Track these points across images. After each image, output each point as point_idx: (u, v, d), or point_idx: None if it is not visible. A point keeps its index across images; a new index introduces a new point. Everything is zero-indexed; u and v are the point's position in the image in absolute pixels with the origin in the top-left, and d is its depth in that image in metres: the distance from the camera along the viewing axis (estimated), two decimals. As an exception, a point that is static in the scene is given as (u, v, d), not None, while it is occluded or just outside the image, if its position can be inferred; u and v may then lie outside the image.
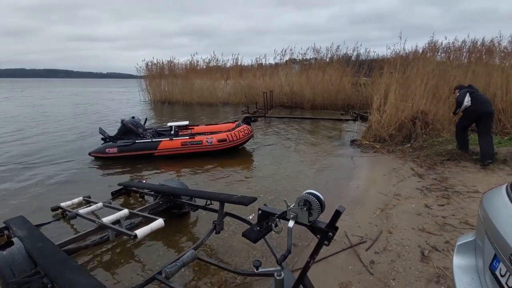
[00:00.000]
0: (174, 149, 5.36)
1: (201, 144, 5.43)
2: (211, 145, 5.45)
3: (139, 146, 5.31)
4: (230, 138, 5.56)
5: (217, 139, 5.50)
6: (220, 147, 5.51)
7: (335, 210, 1.09)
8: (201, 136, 5.58)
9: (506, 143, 5.12)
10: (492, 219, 1.25)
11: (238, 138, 5.66)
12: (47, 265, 1.65)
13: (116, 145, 5.27)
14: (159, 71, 17.38)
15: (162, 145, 5.33)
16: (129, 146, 5.27)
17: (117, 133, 5.79)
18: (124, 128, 5.69)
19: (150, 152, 5.31)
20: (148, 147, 5.31)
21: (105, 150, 5.27)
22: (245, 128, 5.90)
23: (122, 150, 5.24)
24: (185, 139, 5.46)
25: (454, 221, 2.85)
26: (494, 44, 8.25)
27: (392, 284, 2.01)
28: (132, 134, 5.65)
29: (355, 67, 13.42)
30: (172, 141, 5.37)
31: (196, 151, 5.44)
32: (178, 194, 2.83)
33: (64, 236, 2.45)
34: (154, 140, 5.39)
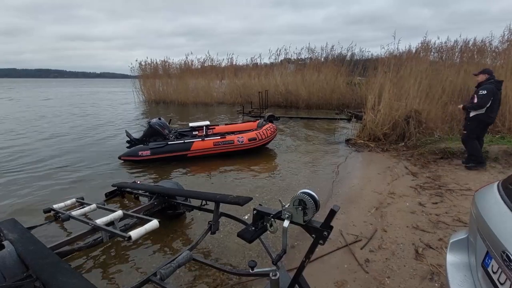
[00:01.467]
0: (206, 149, 5.29)
1: (232, 144, 5.37)
2: (242, 144, 5.41)
3: (172, 148, 5.16)
4: (259, 136, 5.55)
5: (247, 138, 5.47)
6: (250, 146, 5.50)
7: (330, 209, 1.09)
8: (232, 136, 5.52)
9: (498, 141, 5.20)
10: (484, 216, 1.26)
11: (267, 137, 5.69)
12: (39, 268, 1.62)
13: (148, 148, 5.07)
14: (153, 71, 17.29)
15: (195, 145, 5.24)
16: (162, 148, 5.10)
17: (143, 135, 5.69)
18: (151, 129, 5.59)
19: (183, 153, 5.19)
20: (181, 149, 5.19)
21: (138, 153, 5.04)
22: (270, 126, 5.95)
23: (155, 152, 5.05)
24: (217, 139, 5.39)
25: (447, 219, 2.88)
26: (485, 44, 8.39)
27: (387, 282, 2.03)
28: (157, 136, 5.56)
29: (349, 66, 13.51)
30: (204, 142, 5.30)
31: (227, 150, 5.39)
32: (173, 194, 2.81)
33: (57, 238, 2.42)
34: (186, 141, 5.27)
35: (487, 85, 3.99)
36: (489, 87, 3.96)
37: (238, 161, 5.24)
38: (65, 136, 7.59)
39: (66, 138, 7.41)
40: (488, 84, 4.01)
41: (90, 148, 6.39)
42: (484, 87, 4.00)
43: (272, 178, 4.46)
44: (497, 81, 4.10)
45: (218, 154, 5.35)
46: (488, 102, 3.96)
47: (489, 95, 3.93)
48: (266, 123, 6.03)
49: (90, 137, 7.49)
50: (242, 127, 6.39)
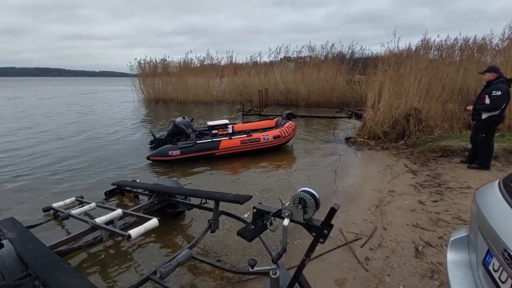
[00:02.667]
0: (234, 147, 5.28)
1: (258, 142, 5.41)
2: (267, 142, 5.45)
3: (201, 147, 5.12)
4: (283, 134, 5.62)
5: (272, 136, 5.51)
6: (275, 143, 5.55)
7: (330, 207, 1.08)
8: (258, 134, 5.55)
9: (497, 139, 5.20)
10: (485, 214, 1.26)
11: (289, 134, 5.75)
12: (38, 267, 1.61)
13: (178, 147, 5.01)
14: (152, 69, 17.23)
15: (222, 144, 5.22)
16: (191, 148, 5.06)
17: (167, 134, 5.64)
18: (176, 129, 5.56)
19: (212, 152, 5.17)
20: (209, 147, 5.16)
21: (168, 152, 4.96)
22: (291, 124, 6.02)
23: (185, 151, 5.01)
24: (244, 137, 5.40)
25: (447, 217, 2.88)
26: (485, 41, 8.37)
27: (387, 280, 2.03)
28: (181, 135, 5.53)
29: (349, 65, 13.49)
30: (231, 140, 5.28)
31: (254, 148, 5.41)
32: (173, 193, 2.81)
33: (56, 237, 2.41)
34: (214, 140, 5.26)
35: (500, 85, 3.71)
36: (503, 87, 3.68)
37: (238, 159, 5.23)
38: (66, 136, 7.58)
39: (67, 137, 7.40)
40: (501, 84, 3.74)
41: (90, 146, 6.39)
42: (497, 87, 3.71)
43: (272, 176, 4.45)
44: (508, 80, 3.83)
45: (245, 152, 5.37)
46: (503, 104, 3.71)
47: (503, 95, 3.67)
48: (286, 121, 6.09)
49: (90, 136, 7.48)
50: (260, 125, 6.46)
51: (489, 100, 3.77)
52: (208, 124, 6.38)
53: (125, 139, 7.13)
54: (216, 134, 6.03)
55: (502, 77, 3.82)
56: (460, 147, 4.97)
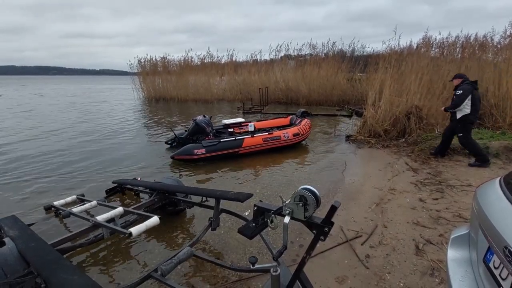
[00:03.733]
0: (256, 145, 5.31)
1: (279, 139, 5.46)
2: (287, 139, 5.52)
3: (225, 145, 5.11)
4: (301, 131, 5.71)
5: (292, 134, 5.59)
6: (295, 141, 5.62)
7: (331, 205, 1.08)
8: (278, 131, 5.61)
9: (498, 137, 5.19)
10: (486, 212, 1.26)
11: (306, 132, 5.85)
12: (40, 265, 1.62)
13: (203, 146, 4.98)
14: (152, 67, 17.21)
15: (246, 142, 5.22)
16: (215, 146, 5.04)
17: (188, 133, 5.63)
18: (197, 127, 5.55)
19: (236, 151, 5.16)
20: (233, 146, 5.16)
21: (194, 151, 4.91)
22: (307, 122, 6.10)
23: (210, 150, 4.98)
24: (265, 135, 5.43)
25: (448, 215, 2.88)
26: (487, 39, 8.33)
27: (387, 277, 2.03)
28: (201, 134, 5.53)
29: (350, 63, 13.44)
30: (254, 138, 5.32)
31: (275, 146, 5.46)
32: (173, 191, 2.81)
33: (58, 235, 2.42)
34: (238, 138, 5.26)
35: (463, 86, 4.26)
36: (464, 87, 4.21)
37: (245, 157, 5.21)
38: (69, 135, 7.59)
39: (70, 137, 7.40)
40: (464, 85, 4.26)
41: (95, 146, 6.39)
42: (460, 88, 4.28)
43: (272, 174, 4.45)
44: (472, 82, 4.34)
45: (266, 150, 5.40)
46: (464, 100, 4.17)
47: (465, 93, 4.16)
48: (302, 119, 6.16)
49: (94, 136, 7.49)
50: (275, 123, 6.50)
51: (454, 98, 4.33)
52: (223, 123, 6.36)
53: (135, 139, 7.13)
54: (232, 133, 6.04)
55: (466, 81, 4.34)
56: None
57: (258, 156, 5.32)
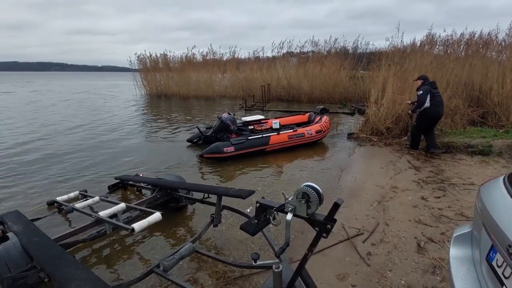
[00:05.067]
0: (282, 143, 5.34)
1: (303, 136, 5.52)
2: (311, 136, 5.58)
3: (252, 143, 5.13)
4: (323, 128, 5.77)
5: (315, 131, 5.64)
6: (317, 138, 5.70)
7: (334, 202, 1.08)
8: (302, 129, 5.66)
9: (502, 135, 5.16)
10: (490, 210, 1.25)
11: (327, 129, 5.93)
12: (43, 259, 1.63)
13: (231, 144, 4.97)
14: (153, 64, 17.16)
15: (272, 140, 5.25)
16: (244, 144, 5.05)
17: (213, 131, 5.65)
18: (222, 124, 5.57)
19: (263, 148, 5.20)
20: (261, 143, 5.18)
21: (223, 149, 4.88)
22: (327, 119, 6.17)
23: (238, 148, 4.98)
24: (290, 132, 5.47)
25: (450, 213, 2.88)
26: (491, 37, 8.24)
27: (388, 275, 2.03)
28: (226, 131, 5.57)
29: (353, 60, 13.36)
30: (280, 135, 5.34)
31: (299, 143, 5.51)
32: (176, 187, 2.81)
33: (61, 230, 2.44)
34: (264, 136, 5.28)
35: (423, 87, 4.80)
36: (423, 88, 4.77)
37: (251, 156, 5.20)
38: (70, 132, 7.61)
39: (74, 135, 7.43)
40: (423, 86, 4.81)
41: (94, 142, 6.41)
42: (420, 89, 4.82)
43: (274, 171, 4.45)
44: (431, 82, 4.89)
45: (291, 147, 5.44)
46: (425, 98, 4.71)
47: (425, 93, 4.72)
48: (321, 116, 6.22)
49: (92, 133, 7.51)
50: (294, 120, 6.54)
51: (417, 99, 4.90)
52: (243, 120, 6.36)
53: (136, 137, 7.15)
54: (253, 130, 6.08)
55: (426, 82, 4.89)
56: (464, 143, 4.94)
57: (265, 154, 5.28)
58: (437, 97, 4.79)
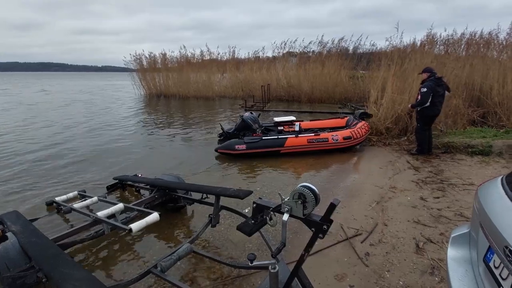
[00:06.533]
0: (300, 146, 5.15)
1: (326, 142, 5.17)
2: (336, 142, 5.18)
3: (266, 143, 5.10)
4: (354, 135, 5.23)
5: (342, 137, 5.20)
6: (345, 145, 5.23)
7: (330, 203, 1.08)
8: (326, 133, 5.29)
9: (502, 135, 5.15)
10: (487, 211, 1.24)
11: (361, 136, 5.34)
12: (41, 259, 1.64)
13: (244, 142, 5.03)
14: (151, 64, 17.11)
15: (288, 142, 5.13)
16: (257, 143, 5.06)
17: (235, 129, 5.73)
18: (243, 123, 5.62)
19: (277, 149, 5.12)
20: (275, 144, 5.11)
21: (235, 147, 5.01)
22: (364, 125, 5.56)
23: (251, 147, 5.02)
24: (311, 136, 5.20)
25: (449, 213, 2.87)
26: (492, 36, 8.22)
27: (386, 275, 2.03)
28: (248, 130, 5.60)
29: (353, 60, 13.34)
30: (298, 138, 5.16)
31: (321, 148, 5.20)
32: (174, 188, 2.81)
33: (59, 230, 2.44)
34: (280, 137, 5.19)
35: (427, 83, 4.51)
36: (428, 84, 4.49)
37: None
38: (72, 132, 7.62)
39: (73, 133, 7.44)
40: (428, 82, 4.51)
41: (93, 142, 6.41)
42: (424, 85, 4.53)
43: (273, 171, 4.45)
44: (437, 78, 4.56)
45: (311, 152, 5.20)
46: (428, 98, 4.47)
47: (428, 91, 4.46)
48: (358, 121, 5.67)
49: (92, 132, 7.52)
50: (329, 124, 6.20)
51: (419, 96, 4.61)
52: (274, 120, 6.34)
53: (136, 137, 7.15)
54: (282, 131, 5.92)
55: (432, 76, 4.56)
56: (464, 143, 4.93)
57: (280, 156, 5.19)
58: (439, 97, 4.55)
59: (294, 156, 5.17)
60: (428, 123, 4.84)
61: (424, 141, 4.85)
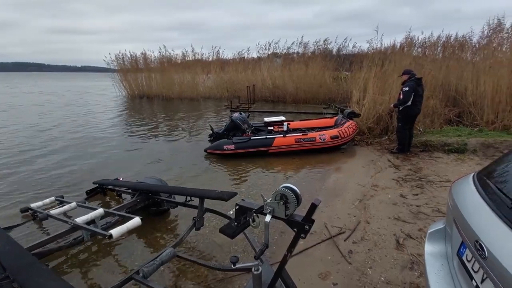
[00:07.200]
0: (288, 146, 5.21)
1: (314, 141, 5.25)
2: (324, 142, 5.26)
3: (254, 143, 5.15)
4: (341, 134, 5.32)
5: (330, 136, 5.27)
6: (332, 144, 5.31)
7: (311, 203, 1.09)
8: (314, 133, 5.36)
9: (476, 134, 5.41)
10: (460, 207, 1.30)
11: (348, 135, 5.43)
12: (15, 269, 1.56)
13: (232, 142, 5.10)
14: (133, 64, 16.70)
15: (276, 142, 5.19)
16: (245, 143, 5.11)
17: (225, 129, 5.76)
18: (233, 124, 5.65)
19: (265, 149, 5.17)
20: (263, 144, 5.17)
21: (223, 147, 5.09)
22: (352, 124, 5.65)
23: (239, 147, 5.07)
24: (298, 135, 5.27)
25: (427, 210, 2.98)
26: (466, 39, 8.62)
27: (369, 272, 2.08)
28: (237, 130, 5.62)
29: (337, 61, 13.60)
30: (285, 138, 5.22)
31: (309, 148, 5.27)
32: (157, 191, 2.76)
33: (35, 238, 2.33)
34: (268, 137, 5.25)
35: (409, 83, 4.70)
36: (409, 84, 4.67)
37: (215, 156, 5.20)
38: (49, 134, 7.31)
39: (51, 136, 7.13)
40: (410, 82, 4.70)
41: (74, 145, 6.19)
42: (406, 85, 4.71)
43: (259, 172, 4.46)
44: (417, 78, 4.77)
45: (299, 151, 5.27)
46: (410, 96, 4.64)
47: (410, 90, 4.64)
48: (346, 120, 5.76)
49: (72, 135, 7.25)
50: (318, 124, 6.28)
51: (402, 95, 4.77)
52: (265, 121, 6.40)
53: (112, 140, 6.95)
54: (272, 131, 5.99)
55: (413, 77, 4.75)
56: (441, 142, 5.14)
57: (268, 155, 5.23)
58: (419, 97, 4.73)
59: (282, 156, 5.22)
60: (410, 122, 4.99)
61: (405, 140, 5.01)
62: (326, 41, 14.01)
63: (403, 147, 5.02)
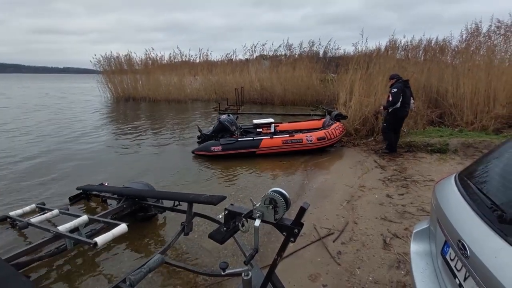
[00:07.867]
0: (274, 147, 5.25)
1: (301, 142, 5.30)
2: (310, 143, 5.33)
3: (242, 145, 5.19)
4: (328, 136, 5.39)
5: (316, 137, 5.34)
6: (319, 145, 5.38)
7: (300, 207, 1.10)
8: (301, 134, 5.42)
9: (457, 134, 5.60)
10: (443, 207, 1.34)
11: (335, 136, 5.50)
12: (-8, 282, 1.48)
13: (220, 144, 5.13)
14: (118, 66, 16.35)
15: (263, 143, 5.21)
16: (232, 145, 5.15)
17: (213, 131, 5.74)
18: (220, 125, 5.64)
19: (253, 151, 5.19)
20: (250, 145, 5.20)
21: (210, 148, 5.14)
22: (339, 125, 5.75)
23: (226, 148, 5.11)
24: (286, 137, 5.33)
25: (412, 209, 3.06)
26: (446, 43, 8.94)
27: (357, 272, 2.11)
28: (226, 132, 5.61)
29: (324, 63, 13.80)
30: (273, 139, 5.26)
31: (295, 149, 5.32)
32: (143, 196, 2.71)
33: (14, 248, 2.24)
34: (255, 138, 5.27)
35: (396, 85, 4.82)
36: (397, 86, 4.79)
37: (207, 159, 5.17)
38: (30, 138, 7.03)
39: (32, 140, 6.86)
40: (397, 84, 4.82)
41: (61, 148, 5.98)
42: (394, 86, 4.83)
43: (247, 174, 4.45)
44: (404, 81, 4.91)
45: (286, 152, 5.31)
46: (399, 97, 4.75)
47: (398, 91, 4.75)
48: (333, 122, 5.85)
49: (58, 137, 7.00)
50: (307, 126, 6.33)
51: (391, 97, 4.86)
52: (254, 122, 6.43)
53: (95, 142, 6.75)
54: (260, 133, 6.04)
55: (399, 80, 4.89)
56: (424, 142, 5.29)
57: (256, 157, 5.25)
58: (406, 98, 4.81)
59: (270, 157, 5.24)
60: (399, 124, 5.10)
61: (391, 139, 5.13)
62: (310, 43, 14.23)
63: (392, 146, 5.14)
